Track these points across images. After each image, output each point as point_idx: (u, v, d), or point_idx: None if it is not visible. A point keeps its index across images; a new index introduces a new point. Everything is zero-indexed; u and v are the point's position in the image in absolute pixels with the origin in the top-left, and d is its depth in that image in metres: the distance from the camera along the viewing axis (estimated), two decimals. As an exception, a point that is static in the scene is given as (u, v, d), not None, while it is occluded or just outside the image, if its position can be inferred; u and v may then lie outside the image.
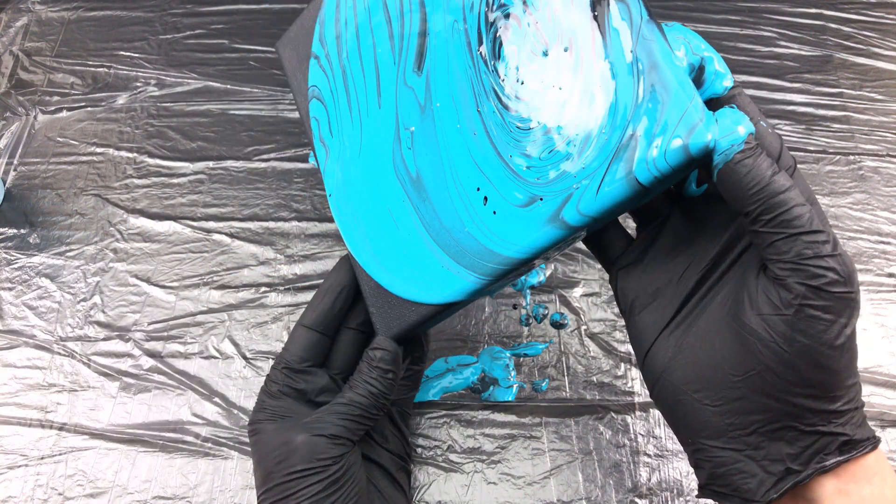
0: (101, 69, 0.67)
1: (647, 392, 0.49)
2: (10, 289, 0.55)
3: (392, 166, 0.38)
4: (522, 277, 0.55)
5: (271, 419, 0.37)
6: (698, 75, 0.29)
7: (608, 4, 0.29)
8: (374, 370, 0.37)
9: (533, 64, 0.32)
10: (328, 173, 0.41)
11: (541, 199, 0.31)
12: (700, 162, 0.27)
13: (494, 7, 0.33)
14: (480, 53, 0.34)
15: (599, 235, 0.36)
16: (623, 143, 0.28)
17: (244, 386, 0.50)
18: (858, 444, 0.28)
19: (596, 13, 0.29)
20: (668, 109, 0.27)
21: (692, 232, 0.32)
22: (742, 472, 0.30)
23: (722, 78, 0.28)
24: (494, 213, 0.33)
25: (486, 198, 0.34)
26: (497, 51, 0.33)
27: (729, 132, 0.26)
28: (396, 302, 0.37)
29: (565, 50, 0.31)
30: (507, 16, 0.33)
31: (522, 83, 0.32)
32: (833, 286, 0.26)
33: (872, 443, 0.29)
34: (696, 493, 0.35)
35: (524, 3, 0.32)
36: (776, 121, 0.62)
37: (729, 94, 0.28)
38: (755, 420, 0.29)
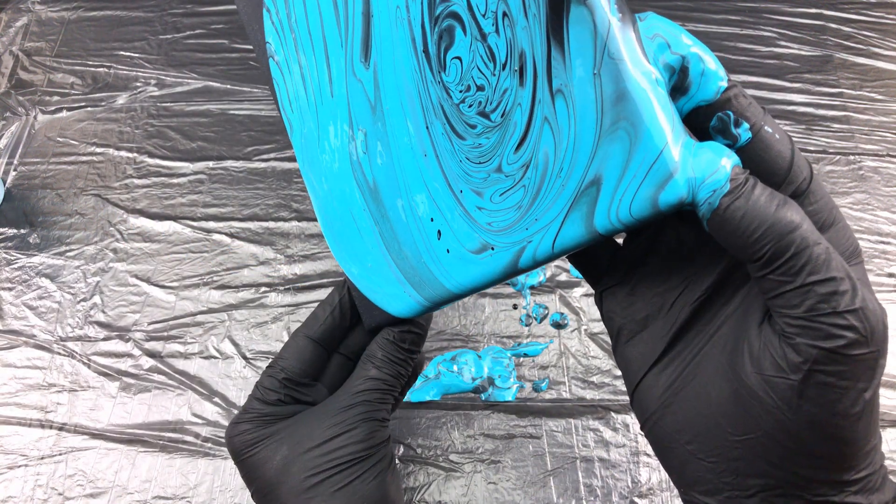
0: (101, 69, 0.67)
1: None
2: (10, 289, 0.55)
3: (350, 168, 0.32)
4: (522, 277, 0.54)
5: (270, 423, 0.34)
6: (681, 79, 0.23)
7: (567, 11, 0.23)
8: (402, 351, 0.34)
9: (479, 82, 0.26)
10: (297, 147, 0.35)
11: (492, 249, 0.27)
12: (676, 213, 0.23)
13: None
14: (425, 56, 0.28)
15: (580, 251, 0.31)
16: (583, 188, 0.24)
17: (244, 386, 0.50)
18: None
19: (552, 24, 0.23)
20: (636, 153, 0.22)
21: (686, 251, 0.28)
22: None
23: (711, 79, 0.23)
24: (448, 251, 0.29)
25: (439, 232, 0.30)
26: (442, 57, 0.27)
27: (709, 174, 0.21)
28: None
29: (515, 71, 0.25)
30: (451, 14, 0.26)
31: (470, 106, 0.27)
32: (851, 348, 0.21)
33: None
34: None
35: (468, 5, 0.26)
36: (776, 121, 0.62)
37: (723, 98, 0.23)
38: (755, 485, 0.25)
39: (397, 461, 0.48)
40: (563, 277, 0.54)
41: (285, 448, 0.33)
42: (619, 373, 0.50)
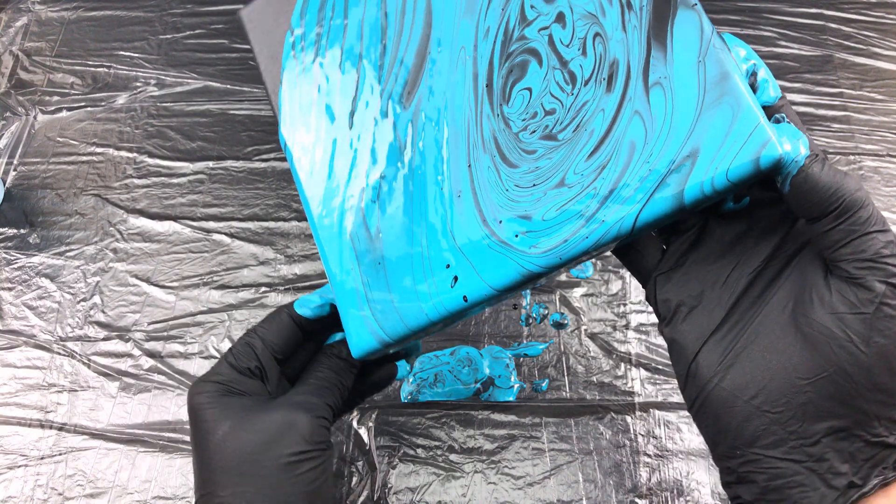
0: (101, 69, 0.67)
1: (645, 398, 0.49)
2: (10, 289, 0.55)
3: (341, 230, 0.33)
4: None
5: (234, 394, 0.34)
6: (751, 82, 0.28)
7: (673, 17, 0.27)
8: (343, 363, 0.36)
9: (550, 107, 0.29)
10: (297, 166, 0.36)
11: (539, 278, 0.29)
12: (764, 176, 0.26)
13: (514, 38, 0.30)
14: (487, 90, 0.30)
15: (630, 246, 0.34)
16: (675, 164, 0.27)
17: (244, 386, 0.50)
18: None
19: (655, 30, 0.28)
20: (738, 122, 0.26)
21: (734, 237, 0.31)
22: (802, 485, 0.28)
23: (773, 86, 0.28)
24: (465, 298, 0.30)
25: (455, 277, 0.30)
26: (507, 90, 0.30)
27: (796, 139, 0.26)
28: None
29: (603, 80, 0.28)
30: (527, 51, 0.30)
31: (532, 132, 0.29)
32: None
33: None
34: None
35: (561, 20, 0.29)
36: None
37: (778, 104, 0.28)
38: (820, 429, 0.27)
39: (397, 460, 0.48)
40: (563, 277, 0.54)
41: (228, 424, 0.32)
42: (619, 372, 0.50)
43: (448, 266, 0.30)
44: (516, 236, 0.29)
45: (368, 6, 0.34)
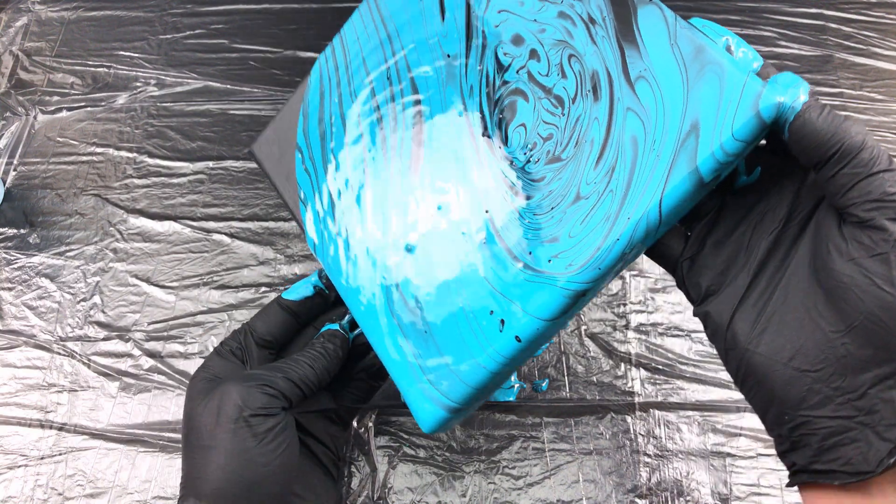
0: (101, 69, 0.67)
1: (645, 398, 0.49)
2: (10, 289, 0.55)
3: (382, 311, 0.34)
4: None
5: (216, 380, 0.37)
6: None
7: (635, 15, 0.29)
8: (329, 346, 0.39)
9: (546, 133, 0.31)
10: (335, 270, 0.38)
11: (583, 294, 0.29)
12: (769, 127, 0.26)
13: (497, 86, 0.32)
14: (486, 141, 0.32)
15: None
16: (680, 143, 0.27)
17: (244, 386, 0.50)
18: None
19: (621, 32, 0.29)
20: (727, 83, 0.26)
21: (751, 207, 0.31)
22: (855, 441, 0.27)
23: (751, 55, 0.28)
24: (518, 339, 0.30)
25: (502, 321, 0.30)
26: (504, 133, 0.32)
27: (791, 86, 0.26)
28: None
29: (589, 92, 0.30)
30: (513, 92, 0.32)
31: (537, 161, 0.31)
32: None
33: None
34: (785, 482, 0.32)
35: (534, 56, 0.31)
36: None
37: (763, 71, 0.28)
38: (865, 381, 0.27)
39: (397, 460, 0.48)
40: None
41: (197, 404, 0.36)
42: (619, 372, 0.50)
43: (492, 312, 0.31)
44: (549, 261, 0.29)
45: (362, 106, 0.37)
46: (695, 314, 0.32)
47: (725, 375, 0.50)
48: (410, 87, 0.35)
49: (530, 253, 0.30)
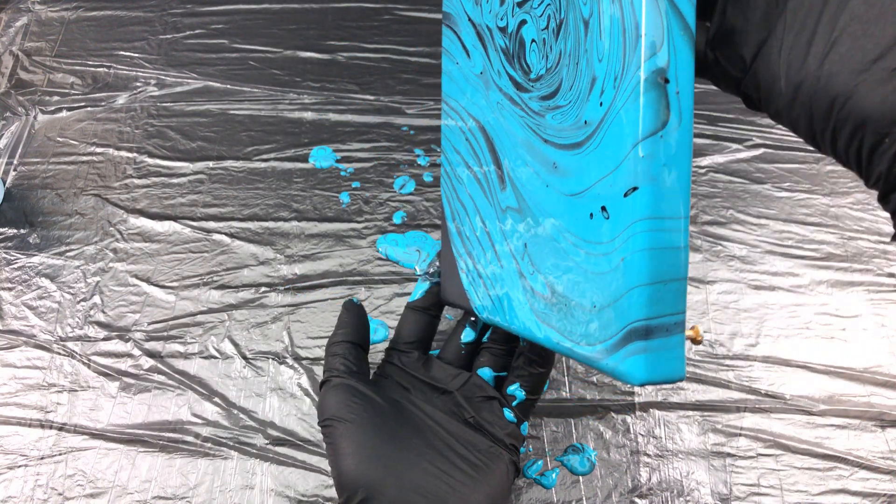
0: (101, 69, 0.67)
1: (645, 398, 0.49)
2: (10, 289, 0.55)
3: (521, 305, 0.35)
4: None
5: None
6: None
7: None
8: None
9: (551, 63, 0.31)
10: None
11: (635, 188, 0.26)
12: None
13: (507, 44, 0.33)
14: (517, 89, 0.33)
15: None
16: None
17: (244, 386, 0.50)
18: None
19: None
20: None
21: None
22: None
23: None
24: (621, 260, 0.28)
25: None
26: (526, 64, 0.33)
27: None
28: (457, 281, 0.41)
29: (585, 19, 0.28)
30: (520, 24, 0.33)
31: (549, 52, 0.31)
32: None
33: None
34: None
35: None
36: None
37: None
38: None
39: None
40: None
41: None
42: (619, 373, 0.50)
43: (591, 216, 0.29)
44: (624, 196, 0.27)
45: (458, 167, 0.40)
46: (739, 91, 0.28)
47: (725, 375, 0.50)
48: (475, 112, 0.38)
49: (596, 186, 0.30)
